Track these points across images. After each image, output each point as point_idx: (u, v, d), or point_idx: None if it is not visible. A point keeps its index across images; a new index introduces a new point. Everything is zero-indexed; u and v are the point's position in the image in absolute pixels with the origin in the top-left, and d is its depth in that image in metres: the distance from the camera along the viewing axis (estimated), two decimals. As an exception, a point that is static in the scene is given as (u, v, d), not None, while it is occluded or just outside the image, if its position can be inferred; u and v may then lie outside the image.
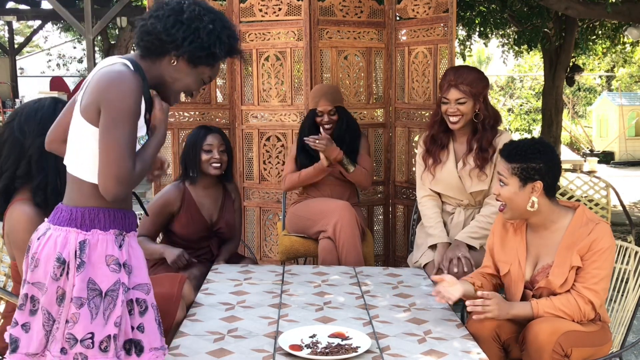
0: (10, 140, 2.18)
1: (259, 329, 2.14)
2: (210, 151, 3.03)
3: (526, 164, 2.22)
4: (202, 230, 3.07)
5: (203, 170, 3.05)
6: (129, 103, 1.63)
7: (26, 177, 2.17)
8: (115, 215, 1.71)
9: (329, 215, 3.28)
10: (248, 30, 4.03)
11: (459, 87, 2.92)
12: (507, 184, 2.26)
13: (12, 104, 11.06)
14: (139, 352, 1.71)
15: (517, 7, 7.86)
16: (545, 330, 2.10)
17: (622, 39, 9.59)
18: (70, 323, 1.63)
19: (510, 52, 11.00)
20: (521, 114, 17.07)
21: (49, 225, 1.71)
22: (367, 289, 2.62)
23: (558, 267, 2.22)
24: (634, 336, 3.37)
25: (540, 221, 2.29)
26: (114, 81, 1.64)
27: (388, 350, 1.98)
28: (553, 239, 2.27)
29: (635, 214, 7.58)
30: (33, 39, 16.88)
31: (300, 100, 4.01)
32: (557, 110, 9.00)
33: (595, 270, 2.17)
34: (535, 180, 2.22)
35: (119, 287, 1.67)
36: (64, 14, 8.63)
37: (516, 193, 2.24)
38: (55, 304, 1.65)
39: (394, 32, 4.09)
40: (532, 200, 2.22)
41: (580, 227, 2.22)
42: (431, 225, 3.07)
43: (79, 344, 1.62)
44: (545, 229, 2.29)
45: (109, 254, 1.67)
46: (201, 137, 3.05)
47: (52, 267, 1.65)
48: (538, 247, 2.32)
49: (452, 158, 3.06)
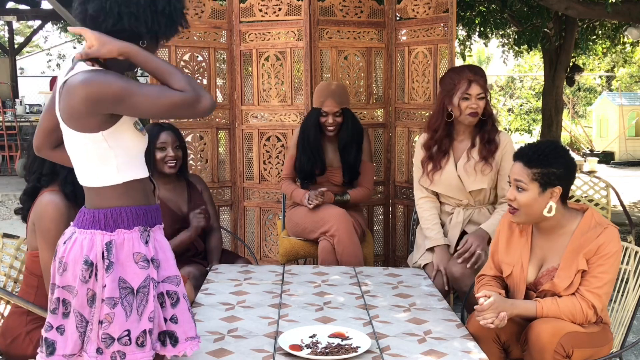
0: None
1: (259, 329, 2.14)
2: (164, 148, 3.01)
3: (547, 169, 2.17)
4: (175, 222, 3.07)
5: (158, 169, 3.03)
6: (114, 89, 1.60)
7: (52, 175, 2.23)
8: (137, 213, 1.71)
9: (325, 225, 3.27)
10: (248, 30, 4.03)
11: (478, 82, 2.96)
12: (526, 190, 2.19)
13: (12, 104, 11.04)
14: (174, 343, 1.73)
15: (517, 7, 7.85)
16: (548, 331, 2.09)
17: (622, 39, 9.59)
18: (105, 323, 1.64)
19: (510, 52, 11.00)
20: (521, 114, 17.07)
21: (74, 229, 1.71)
22: (367, 289, 2.62)
23: (564, 270, 2.20)
24: (634, 336, 3.37)
25: (551, 225, 2.26)
26: (80, 88, 1.61)
27: (388, 350, 1.98)
28: (560, 242, 2.25)
29: (635, 214, 7.58)
30: (33, 39, 16.87)
31: (300, 100, 4.01)
32: (557, 110, 8.99)
33: (601, 275, 2.16)
34: (555, 185, 2.18)
35: (149, 282, 1.68)
36: (64, 14, 8.61)
37: (535, 199, 2.18)
38: (86, 306, 1.66)
39: (394, 32, 4.09)
40: (550, 206, 2.18)
41: (588, 230, 2.20)
42: (428, 227, 3.07)
43: (116, 342, 1.63)
44: (553, 232, 2.27)
45: (136, 251, 1.68)
46: (154, 135, 2.99)
47: (80, 270, 1.65)
48: (544, 249, 2.29)
49: (452, 160, 3.06)
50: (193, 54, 3.98)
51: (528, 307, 2.18)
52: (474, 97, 2.95)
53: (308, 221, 3.36)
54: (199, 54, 4.01)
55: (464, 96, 2.96)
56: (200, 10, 3.97)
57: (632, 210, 7.69)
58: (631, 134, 13.12)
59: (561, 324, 2.12)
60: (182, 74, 1.65)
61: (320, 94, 3.42)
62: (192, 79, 1.66)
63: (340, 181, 3.48)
